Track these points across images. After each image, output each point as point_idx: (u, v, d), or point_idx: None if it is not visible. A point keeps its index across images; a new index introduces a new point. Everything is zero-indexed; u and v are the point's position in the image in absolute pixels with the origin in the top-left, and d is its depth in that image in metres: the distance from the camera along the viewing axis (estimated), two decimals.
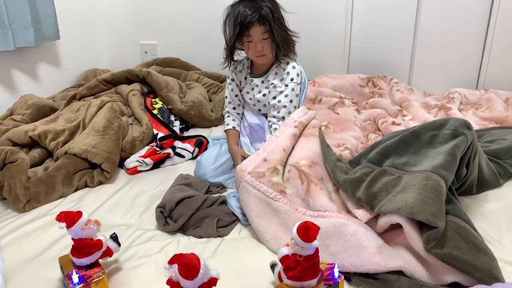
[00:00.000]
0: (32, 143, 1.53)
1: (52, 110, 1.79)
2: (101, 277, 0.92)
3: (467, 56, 2.10)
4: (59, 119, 1.66)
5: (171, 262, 0.78)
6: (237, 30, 1.34)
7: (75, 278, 0.90)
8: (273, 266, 0.96)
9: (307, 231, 0.83)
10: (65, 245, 1.11)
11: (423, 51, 2.14)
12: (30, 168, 1.39)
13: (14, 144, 1.51)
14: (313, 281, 0.88)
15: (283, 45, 1.38)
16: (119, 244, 1.01)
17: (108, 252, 0.98)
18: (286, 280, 0.89)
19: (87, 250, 0.93)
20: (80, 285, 0.90)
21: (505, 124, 1.74)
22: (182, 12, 2.36)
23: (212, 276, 0.81)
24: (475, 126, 1.67)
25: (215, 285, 0.82)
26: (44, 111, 1.76)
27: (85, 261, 0.93)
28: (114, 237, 1.01)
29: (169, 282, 0.80)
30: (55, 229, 1.16)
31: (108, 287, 0.94)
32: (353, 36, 2.19)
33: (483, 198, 1.26)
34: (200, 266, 0.78)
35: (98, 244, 0.95)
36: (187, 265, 0.77)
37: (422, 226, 0.96)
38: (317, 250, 0.87)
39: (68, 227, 0.91)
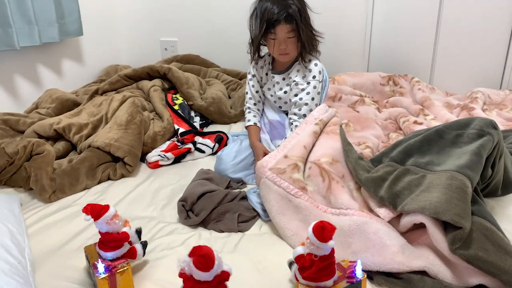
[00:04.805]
0: (56, 136, 1.57)
1: (76, 104, 1.82)
2: (125, 268, 0.94)
3: (490, 55, 2.05)
4: (82, 113, 1.69)
5: (191, 254, 0.78)
6: (264, 28, 1.33)
7: (101, 267, 0.92)
8: (290, 265, 0.95)
9: (323, 231, 0.82)
10: (90, 235, 1.14)
11: (445, 50, 2.10)
12: (55, 160, 1.42)
13: (40, 136, 1.54)
14: (329, 282, 0.87)
15: (308, 45, 1.38)
16: (144, 253, 1.01)
17: (133, 253, 0.98)
18: (302, 280, 0.89)
19: (113, 244, 0.94)
20: (106, 275, 0.91)
21: None
22: (202, 9, 2.37)
23: (224, 269, 0.81)
24: (500, 127, 1.63)
25: (227, 279, 0.81)
26: (67, 105, 1.80)
27: (110, 255, 0.94)
28: (144, 244, 1.01)
29: (181, 275, 0.80)
30: (80, 219, 1.18)
31: (132, 277, 0.96)
32: (374, 34, 2.17)
33: (509, 201, 1.24)
34: (215, 258, 0.79)
35: (124, 237, 0.95)
36: (205, 256, 0.77)
37: (446, 227, 0.95)
38: (333, 250, 0.86)
39: (94, 219, 0.92)
